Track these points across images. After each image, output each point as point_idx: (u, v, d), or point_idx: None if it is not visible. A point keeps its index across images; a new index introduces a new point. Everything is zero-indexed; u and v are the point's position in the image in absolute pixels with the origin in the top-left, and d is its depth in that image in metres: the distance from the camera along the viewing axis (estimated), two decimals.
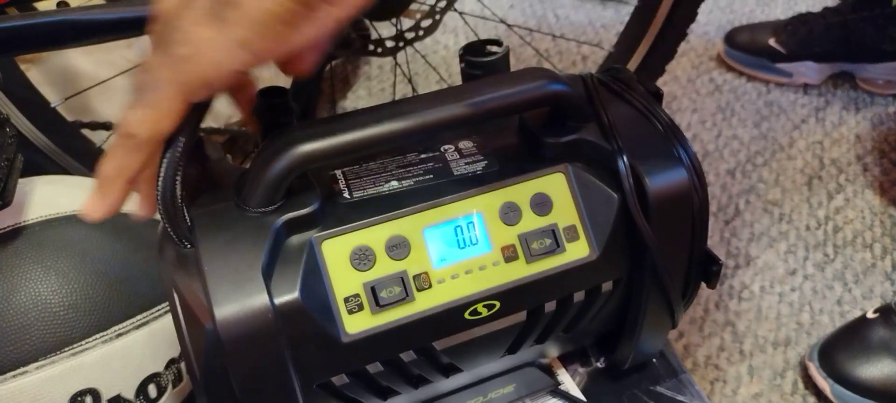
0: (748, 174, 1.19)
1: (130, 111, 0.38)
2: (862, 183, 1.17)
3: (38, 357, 0.56)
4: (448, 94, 0.45)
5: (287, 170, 0.41)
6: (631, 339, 0.54)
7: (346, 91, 1.36)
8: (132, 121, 0.38)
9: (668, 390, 0.60)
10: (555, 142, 0.48)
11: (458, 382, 0.54)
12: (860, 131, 1.25)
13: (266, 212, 0.42)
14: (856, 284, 1.02)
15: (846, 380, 0.86)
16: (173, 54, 0.36)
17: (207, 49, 0.35)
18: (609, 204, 0.48)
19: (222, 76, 0.36)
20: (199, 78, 0.36)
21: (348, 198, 0.45)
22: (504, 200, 0.46)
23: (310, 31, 0.36)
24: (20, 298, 0.56)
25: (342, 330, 0.42)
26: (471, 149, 0.50)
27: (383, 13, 0.84)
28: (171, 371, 0.63)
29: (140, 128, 0.38)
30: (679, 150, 0.48)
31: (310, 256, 0.42)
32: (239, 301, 0.39)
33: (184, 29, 0.35)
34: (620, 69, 0.55)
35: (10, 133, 0.61)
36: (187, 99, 0.37)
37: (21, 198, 0.61)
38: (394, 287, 0.43)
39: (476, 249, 0.45)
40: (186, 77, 0.36)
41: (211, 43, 0.35)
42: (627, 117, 0.50)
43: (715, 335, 0.97)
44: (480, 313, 0.46)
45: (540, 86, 0.46)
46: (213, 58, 0.35)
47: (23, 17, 0.62)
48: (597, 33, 1.48)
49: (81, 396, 0.58)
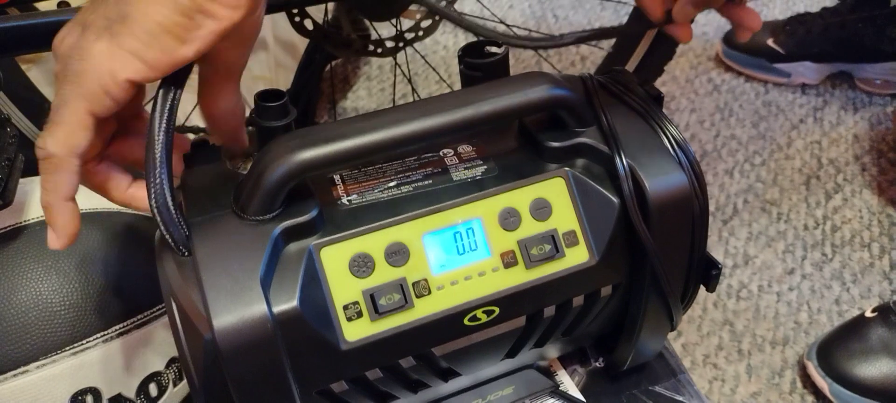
0: (746, 174, 1.19)
1: (44, 133, 0.41)
2: (860, 182, 1.17)
3: (39, 356, 0.56)
4: (447, 100, 0.44)
5: (285, 178, 0.41)
6: (630, 341, 0.55)
7: (346, 91, 1.36)
8: (47, 142, 0.40)
9: (667, 390, 0.60)
10: (554, 146, 0.48)
11: (458, 385, 0.54)
12: (858, 131, 1.25)
13: (264, 220, 0.42)
14: (854, 283, 1.02)
15: (844, 379, 0.86)
16: (73, 70, 0.39)
17: (102, 59, 0.39)
18: (609, 208, 0.48)
19: (119, 84, 0.39)
20: (98, 87, 0.39)
21: (347, 204, 0.45)
22: (503, 206, 0.46)
23: (195, 42, 0.40)
24: (21, 297, 0.57)
25: (341, 338, 0.42)
26: (470, 153, 0.50)
27: (383, 13, 0.84)
28: (171, 370, 0.63)
29: (55, 147, 0.40)
30: (679, 155, 0.48)
31: (309, 264, 0.42)
32: (237, 310, 0.39)
33: (82, 47, 0.39)
34: (620, 71, 0.55)
35: (10, 133, 0.62)
36: (91, 110, 0.40)
37: (22, 198, 0.61)
38: (393, 294, 0.43)
39: (475, 255, 0.45)
40: (86, 88, 0.39)
41: (105, 53, 0.39)
42: (627, 120, 0.50)
43: (713, 334, 0.97)
44: (480, 319, 0.46)
45: (541, 92, 0.46)
46: (108, 67, 0.39)
47: (23, 17, 0.62)
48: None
49: (82, 395, 0.58)
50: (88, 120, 0.40)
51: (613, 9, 1.52)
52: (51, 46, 0.42)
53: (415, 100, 0.48)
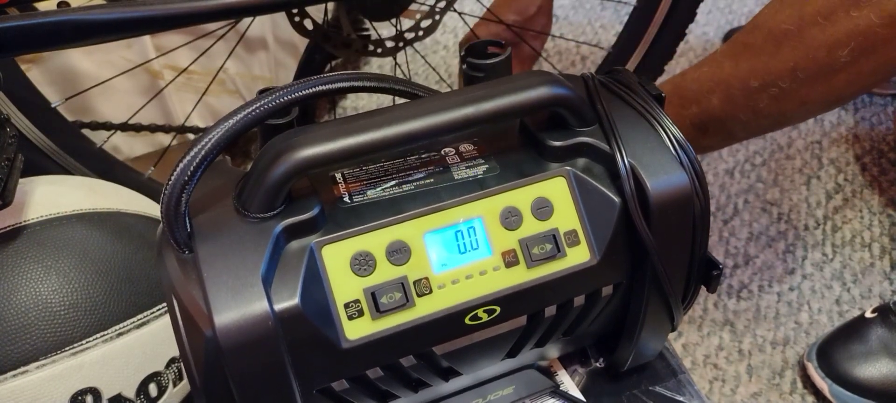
0: (747, 174, 1.19)
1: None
2: (860, 182, 1.17)
3: (39, 356, 0.56)
4: (449, 99, 0.44)
5: (287, 176, 0.41)
6: (630, 341, 0.54)
7: None
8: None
9: (668, 390, 0.60)
10: (556, 145, 0.48)
11: (458, 385, 0.54)
12: (859, 131, 1.25)
13: (266, 218, 0.42)
14: (854, 283, 1.02)
15: (844, 380, 0.86)
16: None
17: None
18: (610, 208, 0.48)
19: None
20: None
21: (348, 202, 0.45)
22: (505, 205, 0.46)
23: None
24: (21, 298, 0.57)
25: (342, 336, 0.42)
26: (471, 151, 0.50)
27: (383, 13, 0.84)
28: (171, 370, 0.63)
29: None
30: (680, 154, 0.48)
31: (310, 262, 0.42)
32: (239, 308, 0.39)
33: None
34: (621, 70, 0.55)
35: (10, 133, 0.62)
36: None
37: (21, 198, 0.61)
38: (394, 292, 0.43)
39: (477, 254, 0.45)
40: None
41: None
42: (628, 120, 0.49)
43: (714, 334, 0.97)
44: (481, 318, 0.46)
45: (542, 91, 0.46)
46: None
47: (23, 17, 0.62)
48: (596, 33, 1.48)
49: (82, 395, 0.58)
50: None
51: (613, 9, 1.52)
52: (50, 46, 0.42)
53: (416, 99, 0.48)
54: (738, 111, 0.78)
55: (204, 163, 0.41)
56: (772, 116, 0.77)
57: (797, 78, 0.72)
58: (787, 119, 0.78)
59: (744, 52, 0.76)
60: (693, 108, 0.81)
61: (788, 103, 0.74)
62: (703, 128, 0.82)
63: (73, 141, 0.91)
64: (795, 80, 0.72)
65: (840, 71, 0.70)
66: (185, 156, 0.41)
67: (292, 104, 0.44)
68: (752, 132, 0.83)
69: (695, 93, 0.81)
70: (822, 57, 0.70)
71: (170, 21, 0.64)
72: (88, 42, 0.63)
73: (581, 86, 0.52)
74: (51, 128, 0.88)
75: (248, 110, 0.42)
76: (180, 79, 1.03)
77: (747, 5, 1.53)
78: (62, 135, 0.89)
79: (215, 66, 1.04)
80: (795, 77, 0.72)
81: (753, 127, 0.80)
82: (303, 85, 0.44)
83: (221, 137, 0.41)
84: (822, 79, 0.71)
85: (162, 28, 0.66)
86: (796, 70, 0.72)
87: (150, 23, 0.64)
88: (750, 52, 0.75)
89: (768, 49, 0.73)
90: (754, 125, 0.80)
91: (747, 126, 0.80)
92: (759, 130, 0.83)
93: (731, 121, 0.79)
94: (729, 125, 0.80)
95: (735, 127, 0.80)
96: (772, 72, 0.73)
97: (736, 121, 0.79)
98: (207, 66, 1.04)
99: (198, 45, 1.00)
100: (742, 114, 0.78)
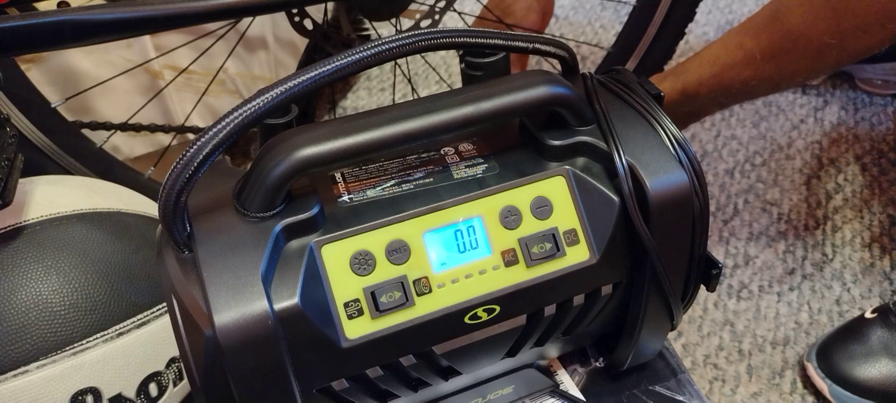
0: (747, 174, 1.19)
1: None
2: (860, 183, 1.17)
3: (39, 356, 0.56)
4: (449, 98, 0.45)
5: (286, 175, 0.41)
6: (630, 341, 0.54)
7: (347, 91, 1.36)
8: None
9: (668, 390, 0.60)
10: (555, 144, 0.48)
11: (458, 384, 0.54)
12: (859, 131, 1.25)
13: (265, 217, 0.42)
14: (854, 284, 1.02)
15: (844, 380, 0.86)
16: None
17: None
18: (609, 207, 0.48)
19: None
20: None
21: (348, 201, 0.45)
22: (504, 204, 0.46)
23: None
24: (21, 298, 0.57)
25: (342, 336, 0.42)
26: (471, 151, 0.50)
27: (383, 13, 0.84)
28: (171, 370, 0.63)
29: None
30: (680, 154, 0.48)
31: (310, 261, 0.42)
32: (238, 307, 0.39)
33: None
34: (621, 70, 0.55)
35: (10, 133, 0.62)
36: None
37: (21, 198, 0.61)
38: (394, 292, 0.43)
39: (476, 253, 0.45)
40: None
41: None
42: (627, 119, 0.50)
43: (714, 334, 0.97)
44: (480, 317, 0.46)
45: (542, 90, 0.46)
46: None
47: (23, 17, 0.62)
48: (596, 33, 1.48)
49: (82, 395, 0.58)
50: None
51: (613, 9, 1.52)
52: (50, 46, 0.41)
53: (416, 98, 0.48)
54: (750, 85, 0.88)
55: (203, 165, 0.41)
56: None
57: (828, 70, 0.82)
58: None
59: (780, 55, 0.84)
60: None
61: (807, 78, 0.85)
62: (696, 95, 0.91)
63: (72, 141, 0.91)
64: (826, 72, 0.82)
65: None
66: (182, 158, 0.40)
67: (294, 99, 0.44)
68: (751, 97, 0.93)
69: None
70: (858, 54, 0.82)
71: (170, 21, 0.64)
72: (88, 42, 0.63)
73: (580, 85, 0.52)
74: (51, 128, 0.88)
75: (246, 108, 0.42)
76: (180, 79, 1.03)
77: (747, 5, 1.53)
78: (62, 135, 0.89)
79: (215, 65, 1.04)
80: (827, 71, 0.78)
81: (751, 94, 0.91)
82: (300, 74, 0.44)
83: (220, 138, 0.41)
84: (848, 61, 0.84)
85: (162, 28, 0.66)
86: (831, 67, 0.82)
87: (150, 23, 0.64)
88: (788, 57, 0.83)
89: (810, 55, 0.82)
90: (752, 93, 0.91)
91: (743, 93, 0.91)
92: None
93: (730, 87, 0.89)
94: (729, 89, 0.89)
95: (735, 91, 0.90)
96: (804, 72, 0.85)
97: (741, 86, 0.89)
98: (207, 65, 1.04)
99: (198, 45, 1.00)
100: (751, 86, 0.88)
